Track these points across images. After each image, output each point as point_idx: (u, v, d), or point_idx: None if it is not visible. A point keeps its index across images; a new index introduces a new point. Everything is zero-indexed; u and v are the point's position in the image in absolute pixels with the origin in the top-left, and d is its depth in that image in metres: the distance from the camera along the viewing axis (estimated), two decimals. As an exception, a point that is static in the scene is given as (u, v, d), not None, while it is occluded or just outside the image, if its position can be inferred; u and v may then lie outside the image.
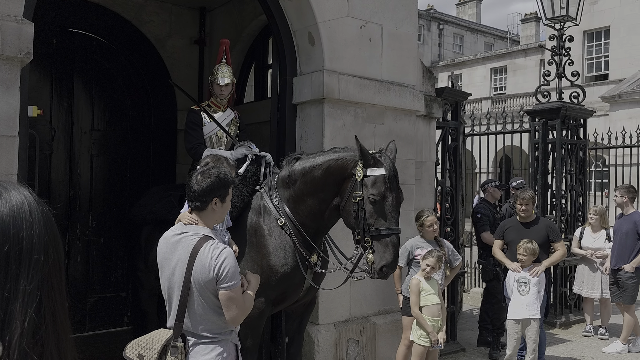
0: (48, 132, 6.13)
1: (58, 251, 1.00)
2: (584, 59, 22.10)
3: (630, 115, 17.26)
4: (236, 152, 4.28)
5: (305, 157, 3.88)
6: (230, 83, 4.82)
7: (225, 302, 2.57)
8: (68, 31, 6.29)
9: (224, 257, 2.55)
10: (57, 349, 0.95)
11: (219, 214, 2.76)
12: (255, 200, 3.99)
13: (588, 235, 7.21)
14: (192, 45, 7.11)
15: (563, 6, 8.16)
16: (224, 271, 2.53)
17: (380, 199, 3.39)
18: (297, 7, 4.94)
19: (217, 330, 2.65)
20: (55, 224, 1.03)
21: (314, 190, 3.71)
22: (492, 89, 31.54)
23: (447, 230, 6.32)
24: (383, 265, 3.38)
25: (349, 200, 3.51)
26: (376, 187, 3.40)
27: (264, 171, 4.12)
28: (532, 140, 8.08)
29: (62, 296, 0.99)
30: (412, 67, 5.63)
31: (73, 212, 6.33)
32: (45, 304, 0.94)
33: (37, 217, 0.98)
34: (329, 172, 3.63)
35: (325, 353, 4.86)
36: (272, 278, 3.76)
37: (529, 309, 5.27)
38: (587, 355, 6.40)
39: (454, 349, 6.19)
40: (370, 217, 3.41)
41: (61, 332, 0.97)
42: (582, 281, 7.25)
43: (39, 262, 0.95)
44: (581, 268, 7.30)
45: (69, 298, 1.03)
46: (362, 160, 3.45)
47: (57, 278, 0.98)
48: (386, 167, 3.44)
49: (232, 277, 2.55)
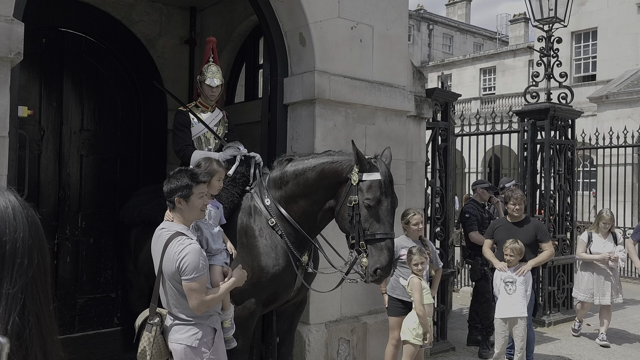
0: (37, 132, 6.09)
1: (43, 255, 1.01)
2: (572, 59, 22.27)
3: (617, 115, 17.43)
4: (225, 153, 4.27)
5: (298, 159, 3.88)
6: (221, 84, 4.81)
7: (187, 292, 2.90)
8: (57, 30, 6.25)
9: (185, 252, 2.86)
10: (43, 351, 0.96)
11: (188, 211, 3.04)
12: (245, 201, 3.98)
13: (598, 241, 6.86)
14: (183, 45, 7.09)
15: (551, 7, 8.23)
16: (184, 265, 2.85)
17: (376, 204, 3.41)
18: (288, 8, 4.95)
19: (191, 314, 2.98)
20: (41, 227, 1.04)
21: (307, 192, 3.71)
22: (481, 90, 31.71)
23: (437, 230, 6.36)
24: (377, 268, 3.40)
25: (344, 204, 3.53)
26: (371, 191, 3.41)
27: (254, 172, 4.13)
28: (521, 141, 8.14)
29: (48, 299, 1.00)
30: (403, 68, 5.66)
31: (62, 212, 6.30)
32: (29, 307, 0.95)
33: (21, 221, 0.99)
34: (323, 175, 3.65)
35: (316, 353, 4.87)
36: (263, 279, 3.76)
37: (515, 308, 5.32)
38: (575, 354, 6.47)
39: (444, 348, 6.23)
40: (365, 221, 3.43)
41: (46, 334, 0.98)
42: (590, 288, 6.83)
43: (22, 265, 0.96)
44: (587, 275, 6.89)
45: (55, 300, 1.04)
46: (358, 164, 3.46)
47: (42, 281, 0.99)
48: (382, 172, 3.46)
49: (192, 271, 2.85)
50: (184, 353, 2.96)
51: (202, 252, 3.00)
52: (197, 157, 4.34)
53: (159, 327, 3.03)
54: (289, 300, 4.05)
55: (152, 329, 3.01)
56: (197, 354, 2.96)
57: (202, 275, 2.90)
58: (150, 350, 2.98)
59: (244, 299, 3.77)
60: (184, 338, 2.97)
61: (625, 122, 15.49)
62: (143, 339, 3.03)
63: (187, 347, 2.96)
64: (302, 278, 3.89)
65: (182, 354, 2.97)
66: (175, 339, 2.99)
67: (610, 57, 20.68)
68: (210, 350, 3.01)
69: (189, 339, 2.96)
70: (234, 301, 3.79)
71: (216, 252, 3.38)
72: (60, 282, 6.23)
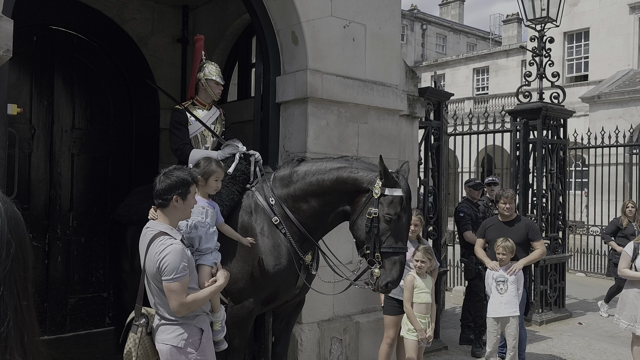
0: (28, 130, 6.04)
1: (23, 249, 1.01)
2: (565, 60, 22.37)
3: (609, 115, 17.53)
4: (223, 151, 4.24)
5: (311, 160, 3.89)
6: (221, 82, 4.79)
7: (166, 292, 2.88)
8: (48, 28, 6.20)
9: (165, 253, 2.83)
10: (21, 346, 0.96)
11: (181, 210, 3.01)
12: (245, 200, 3.95)
13: None
14: (175, 44, 7.06)
15: (544, 8, 8.27)
16: (164, 266, 2.82)
17: (396, 219, 3.45)
18: (281, 7, 4.94)
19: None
20: (23, 223, 1.04)
21: (320, 193, 3.69)
22: (474, 89, 31.80)
23: (430, 230, 6.37)
24: (388, 282, 3.44)
25: (362, 214, 3.53)
26: (393, 207, 3.44)
27: (254, 170, 4.10)
28: (513, 140, 8.17)
29: (27, 294, 1.00)
30: (395, 67, 5.66)
31: (53, 211, 6.25)
32: (7, 301, 0.95)
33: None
34: (341, 179, 3.64)
35: (308, 352, 4.86)
36: (263, 278, 3.74)
37: (507, 307, 5.33)
38: (567, 352, 6.50)
39: (437, 347, 6.24)
40: (383, 234, 3.45)
41: (25, 329, 0.98)
42: (634, 314, 5.35)
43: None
44: (633, 296, 5.40)
45: (36, 297, 1.04)
46: (384, 179, 3.47)
47: (20, 276, 0.99)
48: (403, 189, 3.50)
49: (171, 272, 2.82)
50: (169, 353, 2.93)
51: (186, 252, 2.95)
52: (195, 155, 4.32)
53: (145, 328, 3.00)
54: (288, 301, 4.03)
55: (138, 330, 2.99)
56: (183, 354, 2.92)
57: (182, 277, 2.85)
58: (136, 352, 2.96)
59: (243, 299, 3.75)
60: (170, 338, 2.94)
61: (617, 122, 15.59)
62: (129, 340, 3.00)
63: (173, 347, 2.92)
64: (305, 278, 3.87)
65: (168, 354, 2.93)
66: (161, 339, 2.96)
67: (602, 57, 20.79)
68: (197, 351, 2.97)
69: (174, 339, 2.93)
70: (233, 300, 3.78)
71: (206, 251, 3.36)
72: (51, 281, 6.19)
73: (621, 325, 5.49)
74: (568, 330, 7.47)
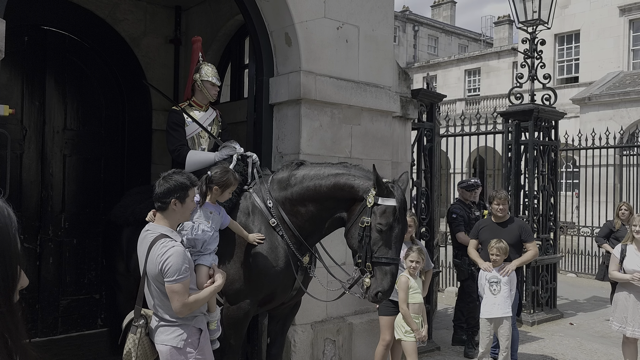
0: (19, 131, 6.00)
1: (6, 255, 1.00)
2: (556, 61, 22.52)
3: (599, 117, 17.67)
4: (221, 152, 4.23)
5: (310, 165, 3.87)
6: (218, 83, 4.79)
7: (169, 294, 2.92)
8: (40, 29, 6.16)
9: (168, 255, 2.87)
10: (6, 350, 0.96)
11: (180, 213, 3.06)
12: (243, 201, 3.94)
13: (633, 255, 5.33)
14: (168, 45, 7.05)
15: (535, 10, 8.32)
16: (167, 268, 2.86)
17: (387, 229, 3.41)
18: (274, 8, 4.94)
19: (175, 315, 2.99)
20: (8, 227, 1.03)
21: (318, 198, 3.68)
22: (466, 91, 31.93)
23: (422, 231, 6.38)
24: (379, 291, 3.41)
25: (355, 223, 3.51)
26: (385, 217, 3.41)
27: (251, 171, 4.09)
28: (505, 141, 8.21)
29: (8, 301, 0.99)
30: (388, 69, 5.68)
31: (45, 213, 6.21)
32: None
33: None
34: (338, 186, 3.63)
35: (302, 353, 4.86)
36: (260, 279, 3.73)
37: (500, 307, 5.36)
38: (559, 352, 6.54)
39: (429, 348, 6.25)
40: (375, 244, 3.42)
41: (9, 333, 0.97)
42: (624, 316, 5.30)
43: None
44: (623, 297, 5.36)
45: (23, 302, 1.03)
46: (377, 188, 3.43)
47: (3, 280, 0.99)
48: (397, 199, 3.45)
49: (174, 273, 2.87)
50: (169, 354, 2.98)
51: (187, 254, 3.00)
52: (192, 157, 4.31)
53: (144, 329, 3.04)
54: (285, 303, 4.02)
55: (137, 330, 3.03)
56: (183, 354, 2.98)
57: (184, 278, 2.90)
58: (136, 352, 3.00)
59: (239, 300, 3.74)
60: (169, 339, 2.99)
61: (607, 123, 15.71)
62: (128, 340, 3.04)
63: (173, 347, 2.98)
64: (301, 280, 3.87)
65: (168, 354, 2.99)
66: (161, 340, 3.01)
67: (593, 59, 20.95)
68: (196, 351, 3.03)
69: (174, 340, 2.99)
70: (229, 301, 3.78)
71: (205, 252, 3.36)
72: (43, 283, 6.15)
73: (613, 327, 5.49)
74: (559, 331, 7.51)
